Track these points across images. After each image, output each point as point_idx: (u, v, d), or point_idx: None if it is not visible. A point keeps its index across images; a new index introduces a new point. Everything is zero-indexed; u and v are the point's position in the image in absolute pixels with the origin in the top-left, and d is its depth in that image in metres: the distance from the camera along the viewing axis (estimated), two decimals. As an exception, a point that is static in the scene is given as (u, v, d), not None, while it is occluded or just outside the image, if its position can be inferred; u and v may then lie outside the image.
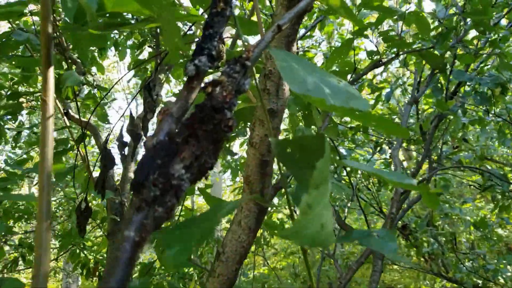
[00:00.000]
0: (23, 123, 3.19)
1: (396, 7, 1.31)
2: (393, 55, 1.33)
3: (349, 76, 1.56)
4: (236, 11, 2.67)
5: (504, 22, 2.07)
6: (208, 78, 0.44)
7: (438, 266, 3.11)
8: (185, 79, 0.42)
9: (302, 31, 2.22)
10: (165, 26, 0.43)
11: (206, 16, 0.45)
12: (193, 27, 1.60)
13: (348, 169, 3.27)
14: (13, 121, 3.09)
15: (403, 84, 2.37)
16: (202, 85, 0.44)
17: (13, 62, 1.58)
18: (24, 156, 2.88)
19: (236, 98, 0.42)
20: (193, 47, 0.48)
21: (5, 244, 3.62)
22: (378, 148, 2.87)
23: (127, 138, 0.92)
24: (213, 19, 0.44)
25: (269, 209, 2.63)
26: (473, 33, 1.75)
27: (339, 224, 2.34)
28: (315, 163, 0.39)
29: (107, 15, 0.51)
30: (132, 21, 0.56)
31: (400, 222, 2.64)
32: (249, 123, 1.35)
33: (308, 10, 0.73)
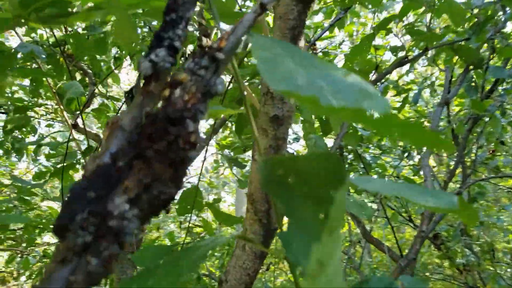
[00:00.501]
0: (42, 136, 3.19)
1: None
2: (421, 51, 1.19)
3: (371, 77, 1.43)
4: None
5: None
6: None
7: (474, 279, 2.90)
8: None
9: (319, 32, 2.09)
10: (114, 14, 0.33)
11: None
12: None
13: (375, 176, 3.11)
14: (33, 134, 3.09)
15: (432, 84, 2.20)
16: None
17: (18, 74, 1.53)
18: (42, 169, 2.86)
19: (205, 103, 0.31)
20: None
21: (29, 256, 3.62)
22: (406, 154, 2.70)
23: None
24: (177, 0, 0.34)
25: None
26: None
27: (365, 236, 2.19)
28: (327, 193, 0.27)
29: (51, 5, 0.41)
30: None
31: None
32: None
33: None
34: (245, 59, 1.53)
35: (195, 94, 0.30)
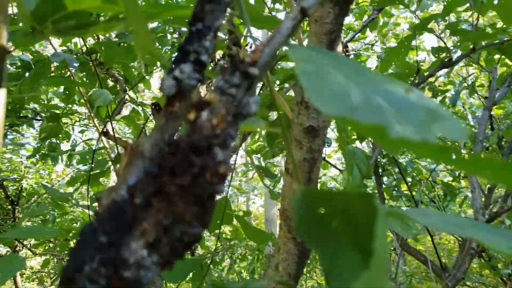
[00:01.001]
0: (75, 143, 3.25)
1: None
2: (464, 52, 1.10)
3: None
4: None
5: None
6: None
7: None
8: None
9: (351, 34, 2.02)
10: (134, 27, 0.29)
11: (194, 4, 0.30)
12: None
13: (409, 179, 2.99)
14: (67, 140, 3.15)
15: (472, 85, 2.08)
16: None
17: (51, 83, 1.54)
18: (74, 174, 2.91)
19: (236, 126, 0.27)
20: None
21: (63, 260, 3.70)
22: (444, 158, 2.58)
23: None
24: (204, 8, 0.29)
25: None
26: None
27: (402, 246, 2.10)
28: (367, 243, 0.22)
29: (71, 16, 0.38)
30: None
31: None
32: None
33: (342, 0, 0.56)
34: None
35: (225, 117, 0.25)
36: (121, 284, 0.22)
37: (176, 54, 0.29)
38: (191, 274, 1.24)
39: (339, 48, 0.61)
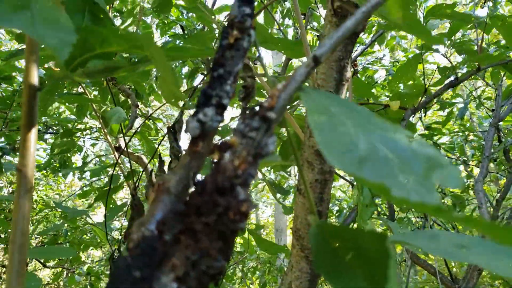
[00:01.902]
0: (87, 156, 3.29)
1: (473, 13, 1.12)
2: (470, 70, 1.12)
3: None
4: (290, 32, 2.56)
5: None
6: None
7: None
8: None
9: (360, 47, 2.05)
10: (159, 69, 0.32)
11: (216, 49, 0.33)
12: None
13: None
14: (79, 153, 3.19)
15: (479, 97, 2.09)
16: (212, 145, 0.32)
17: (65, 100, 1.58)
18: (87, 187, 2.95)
19: (256, 166, 0.29)
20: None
21: (74, 273, 3.73)
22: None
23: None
24: (224, 54, 0.32)
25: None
26: None
27: (412, 258, 2.09)
28: (380, 282, 0.24)
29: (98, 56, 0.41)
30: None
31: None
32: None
33: (359, 31, 0.59)
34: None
35: (246, 158, 0.28)
36: (153, 316, 0.25)
37: (199, 97, 0.31)
38: None
39: (348, 74, 0.64)
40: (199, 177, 0.30)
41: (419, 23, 0.42)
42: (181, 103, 0.37)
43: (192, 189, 0.28)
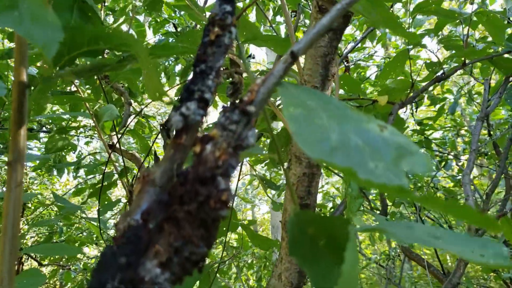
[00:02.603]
0: (81, 155, 3.29)
1: (458, 9, 1.13)
2: (457, 64, 1.14)
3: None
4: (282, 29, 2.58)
5: None
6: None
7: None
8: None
9: (351, 44, 2.06)
10: (143, 66, 0.33)
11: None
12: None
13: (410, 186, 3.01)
14: (73, 151, 3.19)
15: (469, 93, 2.11)
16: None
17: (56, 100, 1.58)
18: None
19: (236, 157, 0.30)
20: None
21: (70, 270, 3.73)
22: (443, 164, 2.60)
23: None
24: (206, 50, 0.33)
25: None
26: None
27: (404, 251, 2.12)
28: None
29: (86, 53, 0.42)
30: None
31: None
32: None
33: (341, 27, 0.60)
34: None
35: (227, 150, 0.29)
36: (138, 299, 0.26)
37: (182, 92, 0.32)
38: (198, 282, 1.27)
39: (334, 69, 0.65)
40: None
41: (394, 19, 0.43)
42: (170, 100, 0.38)
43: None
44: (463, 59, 1.07)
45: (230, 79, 0.53)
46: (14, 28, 0.32)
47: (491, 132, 1.69)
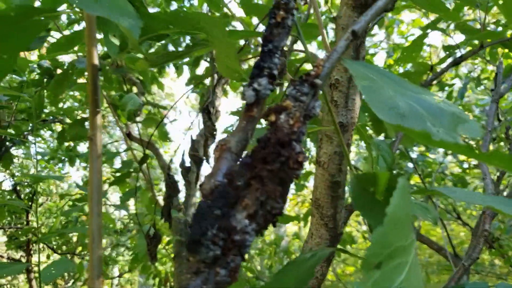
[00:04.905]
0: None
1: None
2: (471, 48, 1.17)
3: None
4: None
5: None
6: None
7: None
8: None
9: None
10: (217, 47, 0.37)
11: (263, 28, 0.38)
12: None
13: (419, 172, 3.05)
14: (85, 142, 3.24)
15: (478, 78, 2.14)
16: (264, 111, 0.37)
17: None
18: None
19: (306, 125, 0.34)
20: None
21: (83, 259, 3.80)
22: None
23: (189, 163, 0.88)
24: (272, 31, 0.37)
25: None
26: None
27: (415, 236, 2.17)
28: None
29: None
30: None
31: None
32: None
33: (388, 9, 0.64)
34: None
35: (299, 118, 0.33)
36: (233, 245, 0.30)
37: (253, 69, 0.36)
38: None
39: (363, 52, 0.69)
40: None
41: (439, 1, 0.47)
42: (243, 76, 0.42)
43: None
44: (478, 43, 1.11)
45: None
46: (105, 15, 0.36)
47: (501, 118, 1.73)
